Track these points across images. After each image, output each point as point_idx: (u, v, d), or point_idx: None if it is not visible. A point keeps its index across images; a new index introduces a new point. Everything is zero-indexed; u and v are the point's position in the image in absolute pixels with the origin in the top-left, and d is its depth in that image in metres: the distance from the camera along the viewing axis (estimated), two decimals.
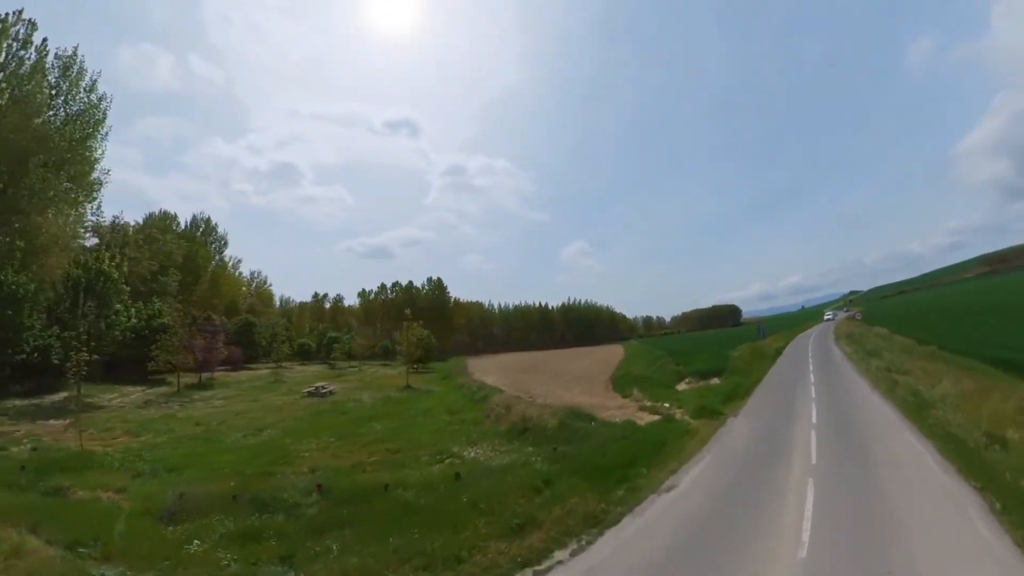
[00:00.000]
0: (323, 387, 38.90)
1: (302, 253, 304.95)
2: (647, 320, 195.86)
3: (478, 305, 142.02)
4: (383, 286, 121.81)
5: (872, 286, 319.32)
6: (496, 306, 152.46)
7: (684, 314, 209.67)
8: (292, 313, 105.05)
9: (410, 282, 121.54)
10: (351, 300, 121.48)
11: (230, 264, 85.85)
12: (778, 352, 42.57)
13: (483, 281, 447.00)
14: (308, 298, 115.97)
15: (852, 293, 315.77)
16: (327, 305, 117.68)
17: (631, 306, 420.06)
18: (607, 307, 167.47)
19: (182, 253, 62.72)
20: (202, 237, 77.60)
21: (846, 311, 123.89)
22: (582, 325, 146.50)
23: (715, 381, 31.14)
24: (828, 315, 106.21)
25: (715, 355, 42.84)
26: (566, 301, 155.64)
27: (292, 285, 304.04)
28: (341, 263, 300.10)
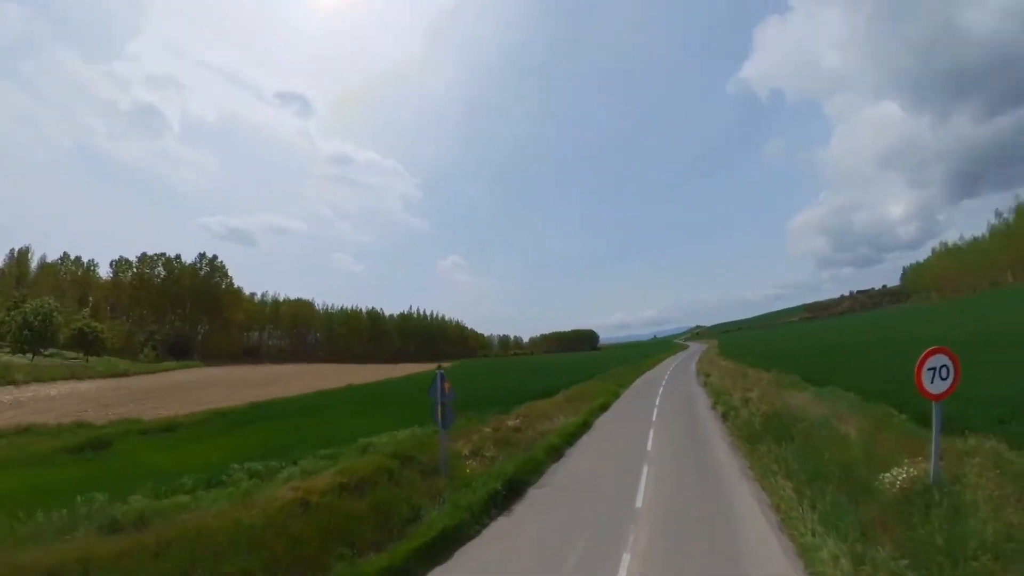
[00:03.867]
0: None
1: (148, 220, 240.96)
2: (503, 339, 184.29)
3: (258, 302, 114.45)
4: (145, 256, 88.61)
5: (714, 322, 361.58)
6: (324, 307, 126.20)
7: (543, 335, 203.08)
8: None
9: (178, 255, 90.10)
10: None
11: None
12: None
13: (351, 283, 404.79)
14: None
15: (697, 327, 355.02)
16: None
17: (497, 324, 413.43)
18: (456, 322, 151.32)
19: None
20: None
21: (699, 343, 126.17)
22: (423, 338, 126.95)
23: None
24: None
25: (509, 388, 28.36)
26: (407, 310, 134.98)
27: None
28: (193, 240, 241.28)
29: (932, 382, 6.44)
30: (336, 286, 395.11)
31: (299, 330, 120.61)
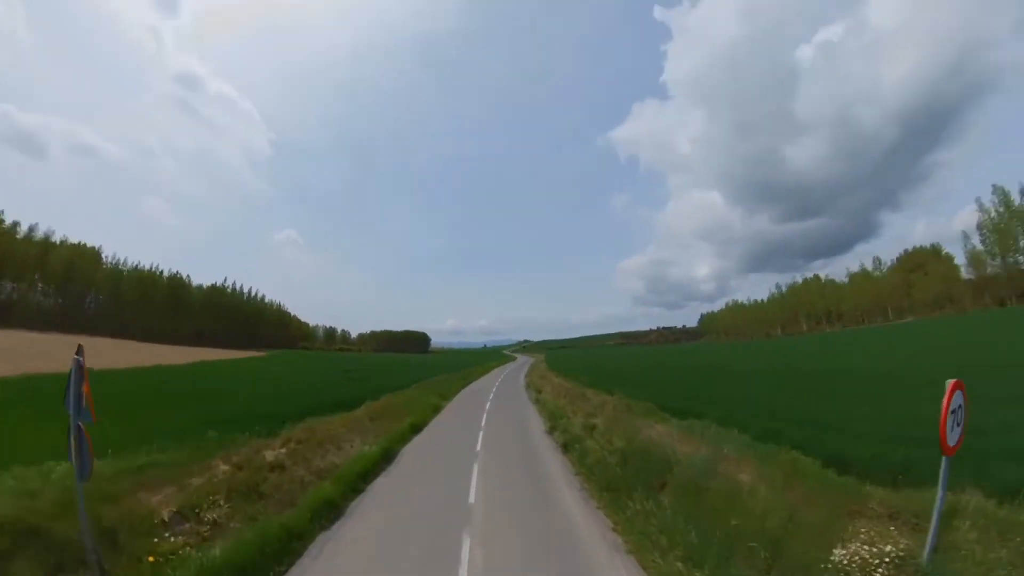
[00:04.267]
0: None
1: None
2: (330, 332, 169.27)
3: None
4: None
5: (542, 338, 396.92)
6: (114, 261, 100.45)
7: (373, 332, 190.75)
8: None
9: None
10: None
11: None
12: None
13: (160, 239, 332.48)
14: None
15: (526, 341, 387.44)
16: None
17: (328, 315, 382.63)
18: (277, 305, 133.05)
19: None
20: None
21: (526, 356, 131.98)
22: (236, 320, 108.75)
23: None
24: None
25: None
26: (219, 282, 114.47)
27: None
28: None
29: (951, 429, 4.64)
30: (139, 239, 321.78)
31: (74, 287, 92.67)
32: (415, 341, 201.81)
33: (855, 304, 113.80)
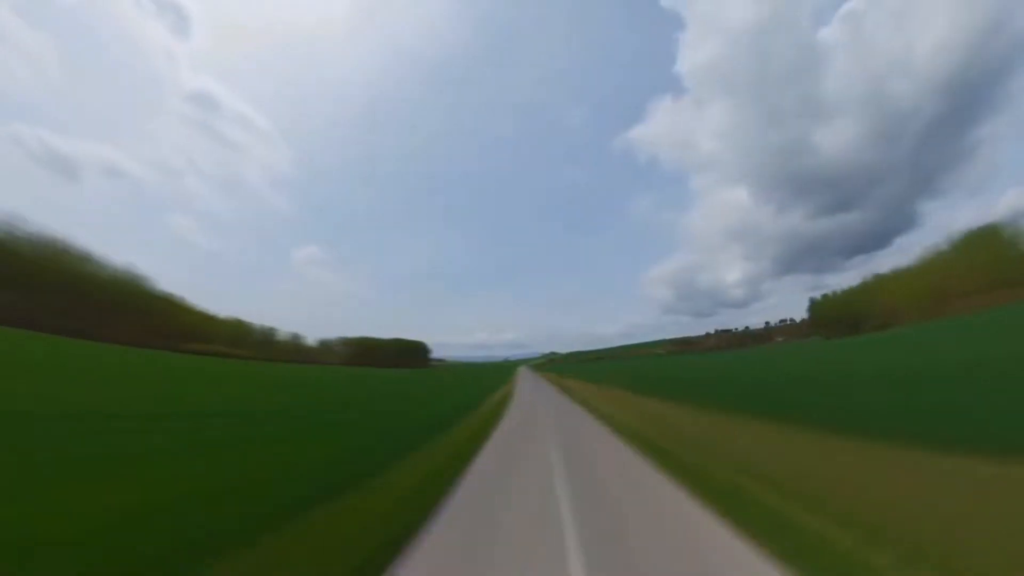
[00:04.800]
0: None
1: None
2: (268, 332, 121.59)
3: None
4: None
5: (569, 350, 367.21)
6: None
7: (345, 339, 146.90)
8: None
9: None
10: None
11: None
12: None
13: (194, 258, 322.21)
14: None
15: (552, 354, 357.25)
16: None
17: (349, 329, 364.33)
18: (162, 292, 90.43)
19: None
20: None
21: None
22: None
23: None
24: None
25: None
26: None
27: None
28: None
29: None
30: (167, 254, 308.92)
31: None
32: (409, 352, 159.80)
33: None
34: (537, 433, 13.43)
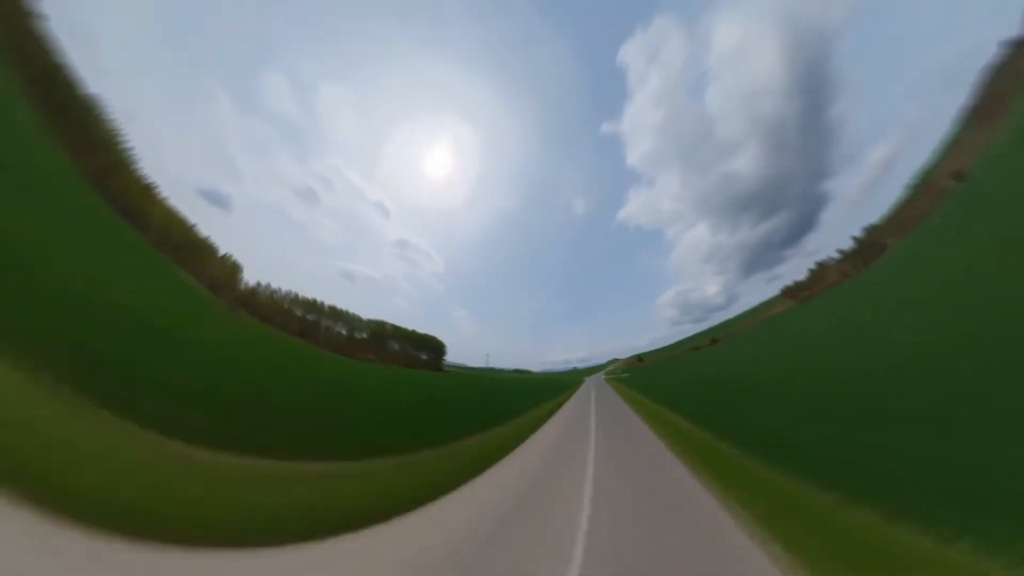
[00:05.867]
0: None
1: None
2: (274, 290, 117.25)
3: None
4: None
5: (626, 355, 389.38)
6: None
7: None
8: None
9: None
10: None
11: None
12: None
13: (400, 320, 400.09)
14: None
15: (615, 359, 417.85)
16: None
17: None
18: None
19: None
20: None
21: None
22: None
23: None
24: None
25: None
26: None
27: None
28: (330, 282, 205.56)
29: None
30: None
31: None
32: (425, 346, 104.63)
33: None
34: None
